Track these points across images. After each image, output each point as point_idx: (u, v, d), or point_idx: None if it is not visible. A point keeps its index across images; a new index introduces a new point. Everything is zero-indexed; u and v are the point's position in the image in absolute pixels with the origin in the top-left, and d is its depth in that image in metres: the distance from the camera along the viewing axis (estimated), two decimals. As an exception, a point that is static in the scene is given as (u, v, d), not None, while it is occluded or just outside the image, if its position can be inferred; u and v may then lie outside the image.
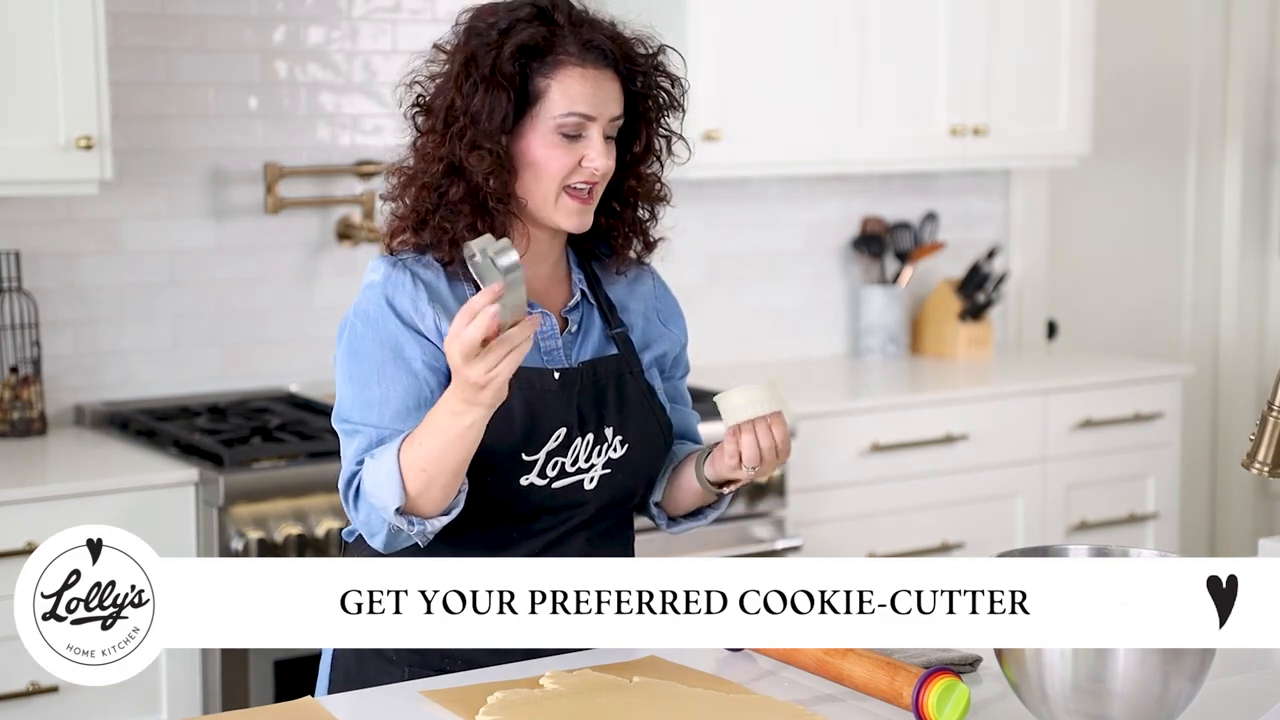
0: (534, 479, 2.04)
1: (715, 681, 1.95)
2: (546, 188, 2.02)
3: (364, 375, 2.02)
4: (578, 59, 2.01)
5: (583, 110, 2.01)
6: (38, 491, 3.01)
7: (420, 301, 2.02)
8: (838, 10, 3.99)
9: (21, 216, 3.47)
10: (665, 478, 2.19)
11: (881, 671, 1.85)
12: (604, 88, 2.02)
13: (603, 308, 2.15)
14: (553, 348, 2.09)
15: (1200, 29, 5.10)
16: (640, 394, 2.13)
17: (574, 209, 2.04)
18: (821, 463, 3.78)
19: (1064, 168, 4.64)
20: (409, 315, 2.02)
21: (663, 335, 2.20)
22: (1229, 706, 1.82)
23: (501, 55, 2.00)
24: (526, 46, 2.01)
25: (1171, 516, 4.35)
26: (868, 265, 4.50)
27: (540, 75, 2.01)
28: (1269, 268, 5.23)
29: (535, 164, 2.02)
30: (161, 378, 3.65)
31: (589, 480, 2.08)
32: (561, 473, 2.06)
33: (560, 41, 2.01)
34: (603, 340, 2.13)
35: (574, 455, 2.06)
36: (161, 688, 3.10)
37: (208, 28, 3.63)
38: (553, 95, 2.01)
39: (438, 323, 2.02)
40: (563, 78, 2.01)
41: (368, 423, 2.01)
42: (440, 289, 2.04)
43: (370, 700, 1.93)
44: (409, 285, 2.02)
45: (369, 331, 2.02)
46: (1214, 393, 5.26)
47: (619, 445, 2.09)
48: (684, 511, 2.22)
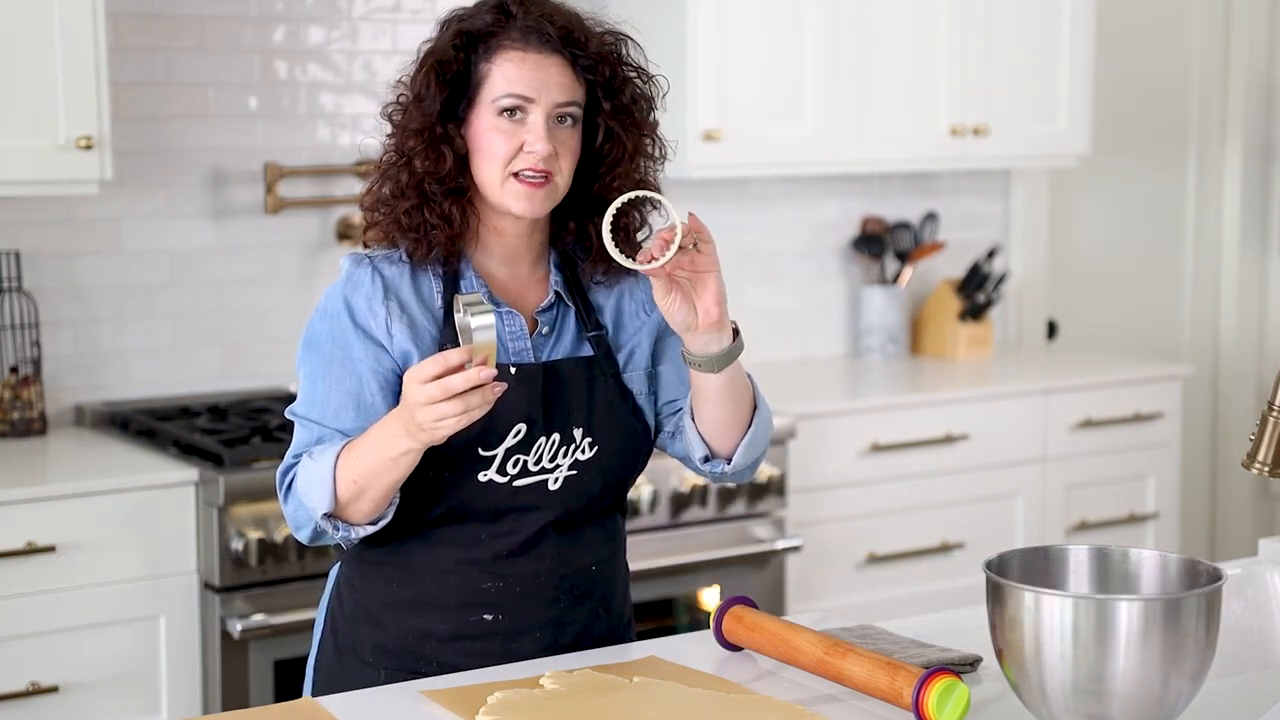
0: (493, 475, 2.03)
1: (715, 681, 1.95)
2: (492, 172, 2.02)
3: (313, 371, 2.05)
4: (519, 43, 2.01)
5: (519, 91, 2.00)
6: (38, 491, 3.01)
7: (375, 301, 2.03)
8: (838, 10, 3.99)
9: (21, 216, 3.47)
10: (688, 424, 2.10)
11: (881, 671, 1.85)
12: (546, 70, 2.01)
13: (580, 309, 2.12)
14: (521, 348, 2.07)
15: (1200, 29, 5.10)
16: (615, 396, 2.10)
17: (522, 193, 2.01)
18: (821, 463, 3.78)
19: (1064, 168, 4.64)
20: (363, 316, 2.03)
21: (646, 324, 2.15)
22: (1229, 706, 1.82)
23: (442, 41, 2.03)
24: (469, 33, 2.02)
25: (1171, 516, 4.35)
26: (868, 265, 4.50)
27: (483, 61, 2.02)
28: (1269, 268, 5.23)
29: (481, 149, 2.02)
30: (161, 378, 3.65)
31: (553, 480, 2.06)
32: (524, 471, 2.04)
33: (505, 28, 2.02)
34: (577, 342, 2.11)
35: (537, 454, 2.04)
36: (161, 688, 3.10)
37: (208, 28, 3.64)
38: (493, 78, 2.01)
39: (389, 323, 2.03)
40: (501, 61, 2.01)
41: (310, 418, 2.05)
42: (401, 285, 2.05)
43: (370, 700, 1.93)
44: (367, 284, 2.04)
45: (324, 328, 2.05)
46: (1214, 393, 5.26)
47: (588, 447, 2.07)
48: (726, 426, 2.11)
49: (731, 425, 2.12)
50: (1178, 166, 5.15)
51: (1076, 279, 4.94)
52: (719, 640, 2.08)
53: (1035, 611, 1.65)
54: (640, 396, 2.14)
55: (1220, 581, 1.69)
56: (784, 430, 3.65)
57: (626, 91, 2.08)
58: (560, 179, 2.03)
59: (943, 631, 2.12)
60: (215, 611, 3.10)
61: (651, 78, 2.12)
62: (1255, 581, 2.31)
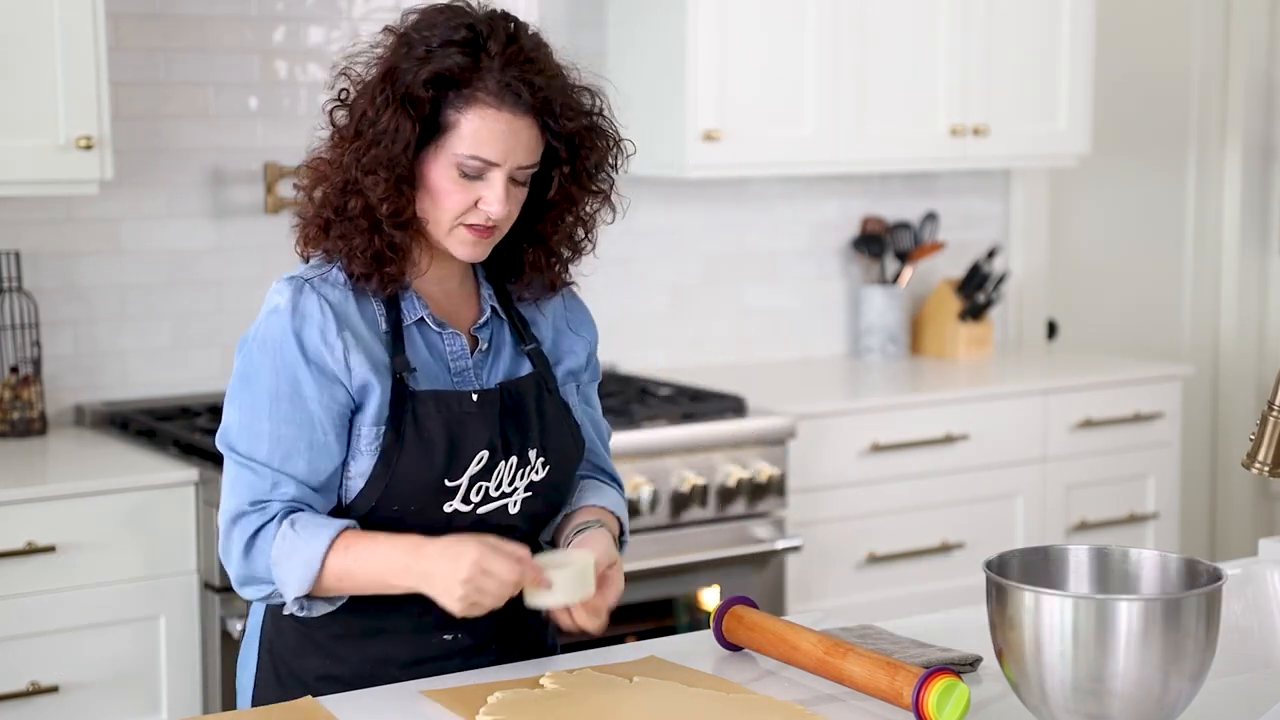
0: (458, 505, 1.98)
1: (715, 681, 1.95)
2: (440, 218, 1.96)
3: (254, 406, 1.94)
4: (494, 100, 1.91)
5: (486, 156, 1.92)
6: (38, 491, 3.01)
7: (329, 332, 1.94)
8: (838, 10, 3.99)
9: (21, 216, 3.47)
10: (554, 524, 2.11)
11: (881, 671, 1.85)
12: (516, 134, 1.93)
13: (514, 323, 2.08)
14: (463, 368, 2.03)
15: (1200, 29, 5.10)
16: (558, 411, 2.08)
17: (469, 240, 1.97)
18: (821, 463, 3.78)
19: (1064, 167, 4.64)
20: (316, 350, 1.94)
21: (575, 343, 2.14)
22: (1229, 706, 1.82)
23: (416, 79, 1.91)
24: (443, 76, 1.91)
25: (1171, 516, 4.35)
26: (868, 265, 4.50)
27: (453, 107, 1.92)
28: (1269, 268, 5.23)
29: (433, 192, 1.95)
30: (161, 378, 3.65)
31: (513, 504, 2.02)
32: (485, 498, 2.00)
33: (481, 77, 1.91)
34: (515, 357, 2.07)
35: (497, 479, 2.00)
36: (161, 688, 3.10)
37: (208, 28, 3.64)
38: (461, 131, 1.92)
39: (347, 356, 1.95)
40: (473, 116, 1.92)
41: (256, 458, 1.94)
42: (348, 312, 1.96)
43: (370, 700, 1.92)
44: (317, 315, 1.94)
45: (266, 360, 1.95)
46: (1214, 393, 5.26)
47: (540, 467, 2.04)
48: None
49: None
50: (1178, 166, 5.15)
51: (1076, 279, 4.94)
52: (719, 640, 2.08)
53: (1035, 611, 1.65)
54: (575, 410, 2.12)
55: (1220, 581, 1.69)
56: (784, 430, 3.65)
57: (590, 159, 2.02)
58: (505, 227, 1.99)
59: (943, 631, 2.12)
60: (215, 611, 3.10)
61: (619, 141, 2.06)
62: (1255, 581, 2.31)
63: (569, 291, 2.15)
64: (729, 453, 3.59)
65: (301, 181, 2.02)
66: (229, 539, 1.96)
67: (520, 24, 1.98)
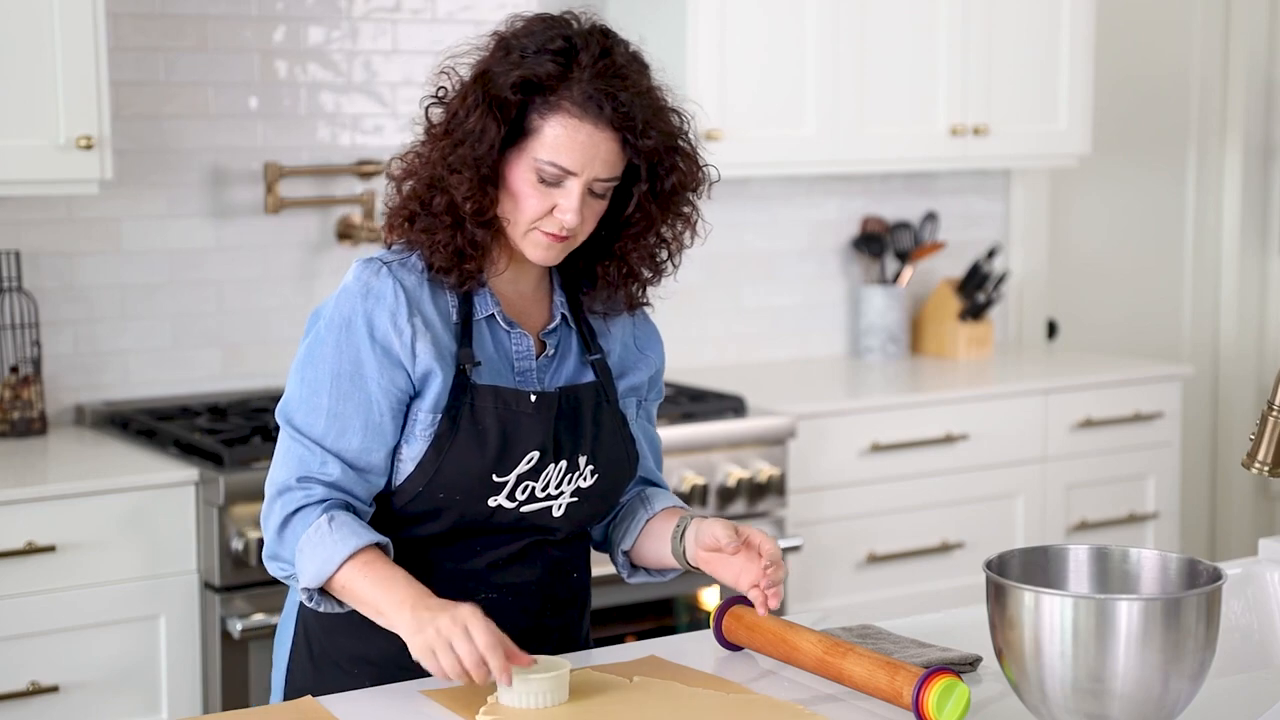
0: (502, 501, 2.01)
1: (715, 681, 1.95)
2: (518, 219, 1.99)
3: (316, 381, 1.98)
4: (578, 110, 1.95)
5: (564, 164, 1.95)
6: (38, 491, 3.01)
7: (400, 317, 1.98)
8: (838, 10, 3.99)
9: (21, 216, 3.47)
10: (639, 529, 2.14)
11: (881, 671, 1.85)
12: (596, 145, 1.95)
13: (582, 332, 2.11)
14: (526, 368, 2.06)
15: (1200, 29, 5.10)
16: (614, 423, 2.10)
17: (542, 243, 2.00)
18: (821, 463, 3.78)
19: (1064, 168, 4.64)
20: (385, 334, 1.97)
21: (640, 362, 2.16)
22: (1229, 706, 1.82)
23: (506, 82, 1.95)
24: (531, 82, 1.95)
25: (1171, 516, 4.35)
26: (868, 265, 4.50)
27: (538, 113, 1.95)
28: (1269, 268, 5.23)
29: (513, 195, 1.98)
30: (161, 378, 3.65)
31: (557, 508, 2.05)
32: (531, 497, 2.03)
33: (568, 86, 1.94)
34: (579, 365, 2.10)
35: (545, 481, 2.03)
36: (161, 688, 3.10)
37: (208, 28, 3.64)
38: (543, 137, 1.95)
39: (414, 342, 1.98)
40: (555, 124, 1.95)
41: (312, 436, 1.98)
42: (422, 298, 2.00)
43: (370, 700, 1.93)
44: (390, 298, 1.98)
45: (332, 338, 1.98)
46: (1214, 393, 5.26)
47: (589, 475, 2.07)
48: (649, 568, 2.17)
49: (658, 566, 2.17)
50: (1178, 166, 5.15)
51: (1076, 279, 4.95)
52: (719, 640, 2.08)
53: (1035, 611, 1.65)
54: (631, 424, 2.14)
55: (1220, 581, 1.69)
56: (784, 430, 3.65)
57: (670, 179, 2.04)
58: (580, 237, 2.02)
59: (943, 631, 2.12)
60: (215, 611, 3.10)
61: (702, 167, 2.08)
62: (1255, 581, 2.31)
63: (640, 311, 2.18)
64: (729, 453, 3.59)
65: (393, 171, 2.05)
66: (269, 511, 2.00)
67: (617, 40, 2.02)
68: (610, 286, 2.10)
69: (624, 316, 2.15)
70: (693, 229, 2.11)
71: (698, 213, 2.10)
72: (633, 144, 1.98)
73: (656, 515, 2.13)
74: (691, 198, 2.08)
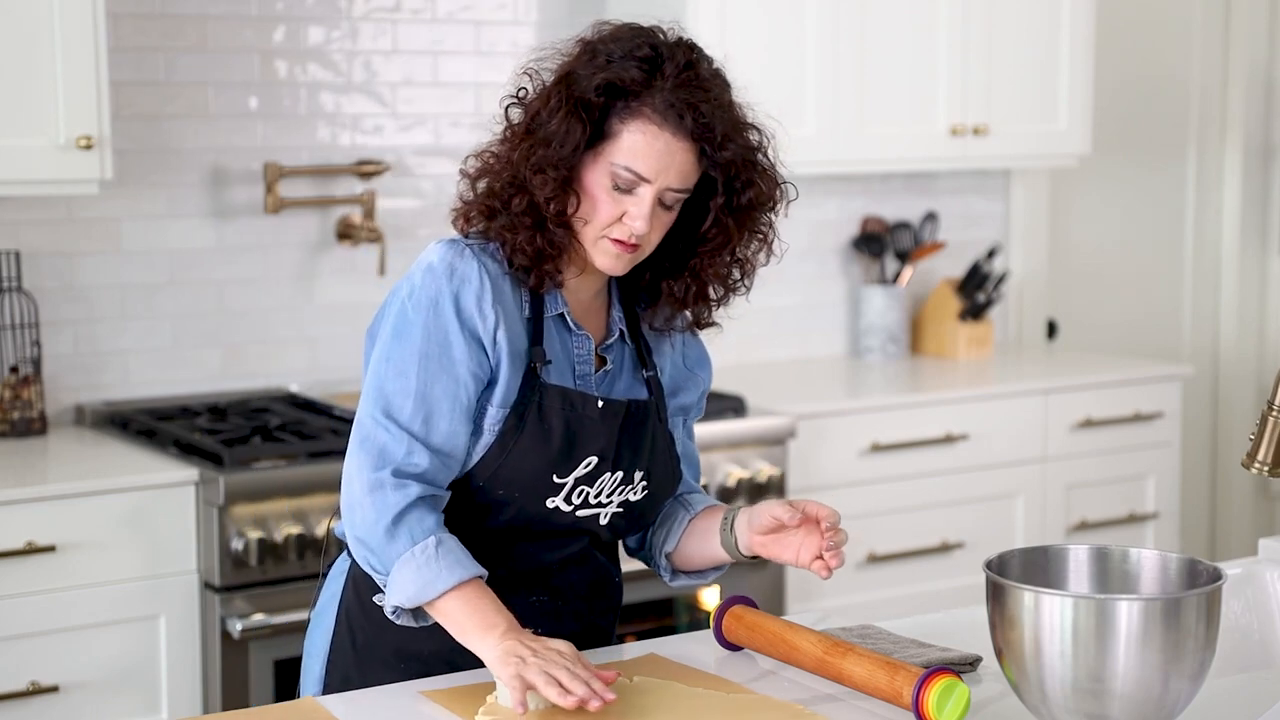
0: (559, 502, 2.02)
1: (715, 681, 1.95)
2: (591, 225, 1.99)
3: (404, 360, 1.96)
4: (658, 117, 1.95)
5: (639, 170, 1.95)
6: (38, 491, 3.01)
7: (485, 302, 1.97)
8: (838, 10, 3.99)
9: (21, 216, 3.47)
10: (681, 530, 2.15)
11: (881, 671, 1.85)
12: (672, 154, 1.95)
13: (639, 348, 2.11)
14: (586, 373, 2.06)
15: (1200, 29, 5.10)
16: (665, 441, 2.11)
17: (611, 252, 1.99)
18: (821, 463, 3.78)
19: (1064, 168, 4.64)
20: (471, 316, 1.97)
21: (690, 381, 2.18)
22: (1229, 706, 1.82)
23: (590, 85, 1.95)
24: (614, 85, 1.95)
25: (1171, 516, 4.35)
26: (868, 265, 4.50)
27: (618, 117, 1.96)
28: (1269, 268, 5.23)
29: (588, 198, 1.98)
30: (161, 378, 3.65)
31: (603, 516, 2.06)
32: (585, 503, 2.04)
33: (650, 93, 1.95)
34: (633, 381, 2.10)
35: (599, 488, 2.04)
36: (161, 688, 3.10)
37: (208, 28, 3.63)
38: (621, 142, 1.95)
39: (496, 329, 1.98)
40: (634, 129, 1.95)
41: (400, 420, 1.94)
42: (503, 288, 1.99)
43: (370, 700, 1.93)
44: (476, 280, 1.97)
45: (419, 318, 1.96)
46: (1214, 393, 5.26)
47: (640, 489, 2.08)
48: (692, 568, 2.18)
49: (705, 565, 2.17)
50: (1178, 167, 5.15)
51: (1076, 279, 4.94)
52: (719, 640, 2.08)
53: (1035, 611, 1.65)
54: (677, 443, 2.16)
55: (1220, 581, 1.69)
56: (784, 430, 3.65)
57: (746, 194, 2.04)
58: (647, 248, 2.01)
59: (943, 631, 2.12)
60: (215, 611, 3.10)
61: (781, 184, 2.08)
62: (1255, 581, 2.31)
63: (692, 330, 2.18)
64: (729, 452, 3.59)
65: (467, 168, 2.05)
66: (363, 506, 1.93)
67: (703, 54, 2.03)
68: (677, 304, 2.10)
69: (676, 335, 2.16)
70: (768, 248, 2.11)
71: (774, 232, 2.10)
72: (710, 156, 1.99)
73: (699, 514, 2.15)
74: (770, 216, 2.08)
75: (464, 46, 3.91)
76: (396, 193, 3.83)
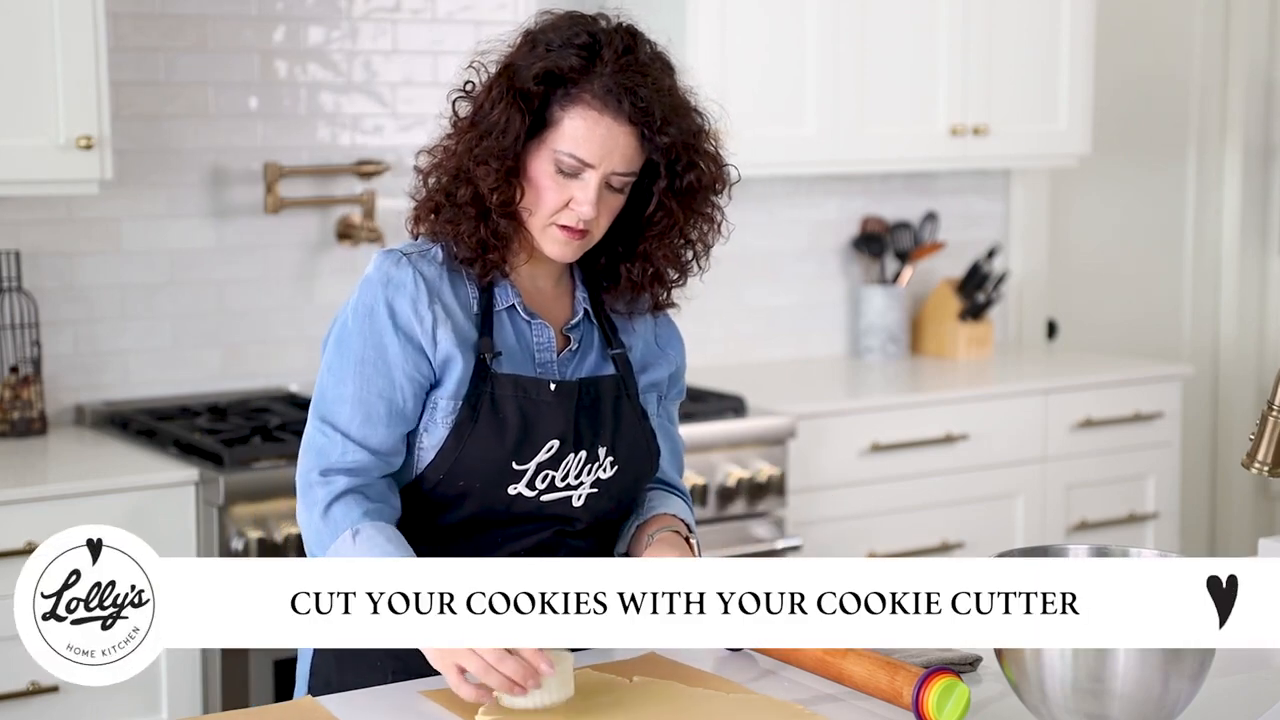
0: (522, 489, 2.04)
1: (715, 681, 1.95)
2: (537, 213, 2.02)
3: (342, 368, 2.02)
4: (598, 103, 1.98)
5: (582, 156, 1.98)
6: (38, 491, 3.01)
7: (421, 304, 2.01)
8: (838, 10, 3.99)
9: (21, 216, 3.47)
10: (629, 533, 2.14)
11: (881, 671, 1.85)
12: (615, 139, 1.98)
13: (604, 327, 2.13)
14: (547, 360, 2.08)
15: (1200, 29, 5.10)
16: (634, 417, 2.12)
17: (560, 239, 2.02)
18: (821, 463, 3.78)
19: (1064, 168, 4.64)
20: (407, 320, 2.01)
21: (660, 359, 2.18)
22: (1229, 706, 1.82)
23: (529, 74, 1.99)
24: (553, 74, 1.99)
25: (1171, 516, 4.36)
26: (868, 265, 4.50)
27: (559, 105, 1.99)
28: (1269, 268, 5.23)
29: (533, 186, 2.01)
30: (161, 378, 3.65)
31: (577, 498, 2.07)
32: (551, 487, 2.05)
33: (590, 79, 1.98)
34: (600, 359, 2.12)
35: (564, 471, 2.05)
36: (161, 688, 3.10)
37: (208, 28, 3.64)
38: (563, 129, 1.98)
39: (435, 328, 2.01)
40: (575, 116, 1.98)
41: (336, 424, 2.01)
42: (442, 288, 2.03)
43: (370, 700, 1.93)
44: (410, 286, 2.02)
45: (358, 327, 2.02)
46: (1214, 393, 5.26)
47: (609, 466, 2.08)
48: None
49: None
50: (1178, 167, 5.15)
51: (1076, 279, 4.95)
52: (719, 640, 2.08)
53: (1035, 611, 1.65)
54: (652, 419, 2.16)
55: (1220, 581, 1.69)
56: (784, 430, 3.65)
57: (688, 177, 2.05)
58: (597, 233, 2.04)
59: (943, 631, 2.12)
60: (215, 611, 3.10)
61: (724, 167, 2.09)
62: (1255, 581, 2.31)
63: (663, 312, 2.19)
64: (729, 452, 3.59)
65: (420, 165, 2.09)
66: (301, 504, 2.02)
67: (642, 38, 2.05)
68: (634, 288, 2.12)
69: (647, 316, 2.17)
70: (717, 229, 2.12)
71: (721, 213, 2.12)
72: (650, 139, 2.01)
73: (646, 520, 2.14)
74: (714, 198, 2.10)
75: (464, 46, 3.90)
76: (396, 193, 3.82)
